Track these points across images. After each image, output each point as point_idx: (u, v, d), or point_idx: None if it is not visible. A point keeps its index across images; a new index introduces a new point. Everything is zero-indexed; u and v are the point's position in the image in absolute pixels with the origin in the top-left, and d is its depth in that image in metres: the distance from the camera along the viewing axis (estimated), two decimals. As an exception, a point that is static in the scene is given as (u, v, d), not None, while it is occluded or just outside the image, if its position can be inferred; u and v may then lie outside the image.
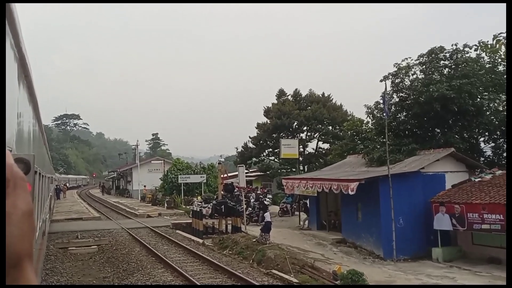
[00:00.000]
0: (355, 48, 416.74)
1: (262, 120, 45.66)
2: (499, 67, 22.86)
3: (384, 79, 23.21)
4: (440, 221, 16.54)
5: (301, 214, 25.62)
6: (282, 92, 46.34)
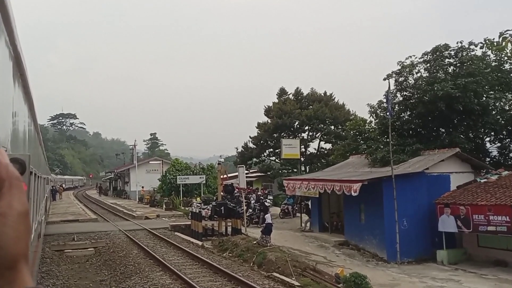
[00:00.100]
0: (358, 45, 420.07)
1: (263, 120, 45.61)
2: (505, 65, 22.81)
3: (388, 77, 23.02)
4: (445, 222, 16.45)
5: (302, 216, 25.50)
6: (283, 90, 46.19)
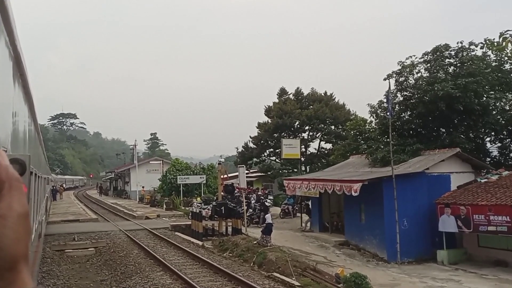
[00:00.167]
0: (358, 46, 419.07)
1: (263, 120, 45.57)
2: (506, 65, 22.77)
3: (388, 77, 23.00)
4: (445, 222, 16.43)
5: (303, 216, 25.47)
6: (283, 90, 46.15)
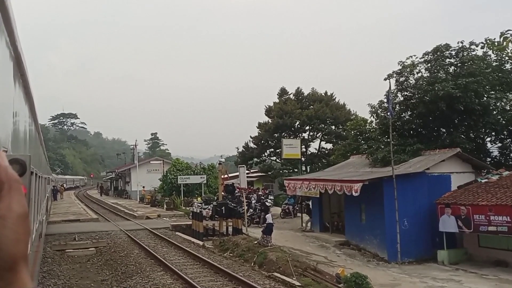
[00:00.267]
0: (359, 46, 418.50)
1: (264, 120, 45.56)
2: (506, 65, 22.74)
3: (388, 77, 23.00)
4: (445, 223, 16.41)
5: (303, 216, 25.44)
6: (283, 90, 46.13)
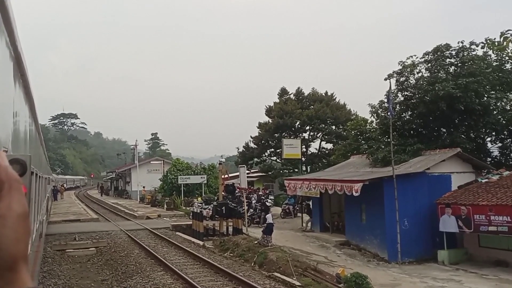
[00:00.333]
0: (359, 46, 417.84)
1: (264, 120, 45.50)
2: (507, 65, 22.71)
3: (389, 77, 22.98)
4: (446, 223, 16.39)
5: (303, 216, 25.41)
6: (284, 90, 46.08)
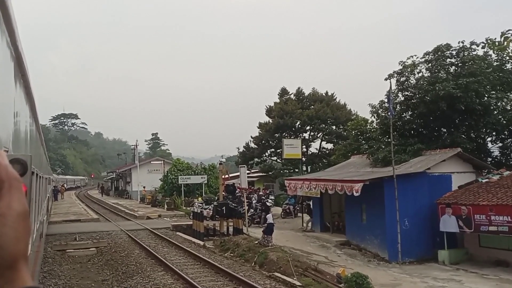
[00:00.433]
0: (359, 45, 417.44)
1: (264, 120, 45.47)
2: (507, 65, 22.69)
3: (389, 77, 22.97)
4: (446, 222, 16.38)
5: (304, 216, 25.39)
6: (284, 90, 46.05)
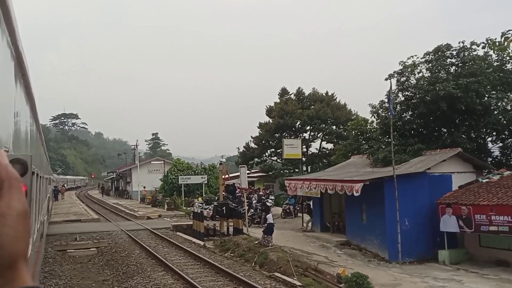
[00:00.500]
0: (359, 45, 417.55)
1: (264, 120, 45.41)
2: (508, 65, 22.70)
3: (389, 77, 22.97)
4: (446, 222, 16.38)
5: (304, 216, 25.39)
6: (284, 90, 46.02)
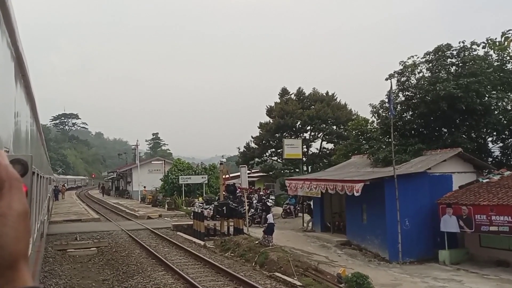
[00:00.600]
0: (359, 45, 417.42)
1: (265, 120, 45.41)
2: (508, 65, 22.72)
3: (390, 77, 22.98)
4: (447, 223, 16.40)
5: (304, 216, 25.41)
6: (285, 90, 46.01)
